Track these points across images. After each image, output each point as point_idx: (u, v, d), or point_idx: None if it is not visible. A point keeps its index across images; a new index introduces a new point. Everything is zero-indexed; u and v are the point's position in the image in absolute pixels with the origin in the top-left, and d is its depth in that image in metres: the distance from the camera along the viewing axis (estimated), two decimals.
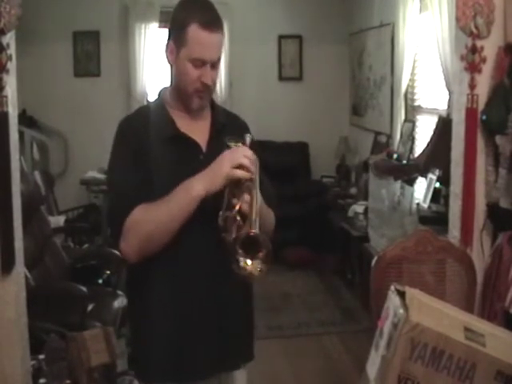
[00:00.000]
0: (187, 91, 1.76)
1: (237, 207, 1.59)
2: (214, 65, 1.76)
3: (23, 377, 2.41)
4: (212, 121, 1.87)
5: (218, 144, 1.81)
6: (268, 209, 1.81)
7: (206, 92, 1.78)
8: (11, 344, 2.36)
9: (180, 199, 1.67)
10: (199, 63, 1.72)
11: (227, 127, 1.87)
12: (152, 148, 1.75)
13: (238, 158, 1.65)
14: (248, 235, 1.53)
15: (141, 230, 1.68)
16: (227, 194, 1.65)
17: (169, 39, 1.78)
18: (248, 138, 1.77)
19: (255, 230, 1.53)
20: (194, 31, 1.70)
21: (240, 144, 1.83)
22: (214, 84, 1.81)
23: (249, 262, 1.56)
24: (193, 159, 1.78)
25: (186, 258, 1.74)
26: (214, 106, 1.91)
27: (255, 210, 1.58)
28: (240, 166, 1.64)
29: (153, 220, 1.68)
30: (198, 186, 1.66)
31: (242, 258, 1.55)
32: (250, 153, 1.68)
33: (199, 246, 1.74)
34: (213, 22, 1.72)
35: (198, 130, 1.82)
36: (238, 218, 1.59)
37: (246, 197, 1.62)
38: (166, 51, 1.78)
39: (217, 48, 1.75)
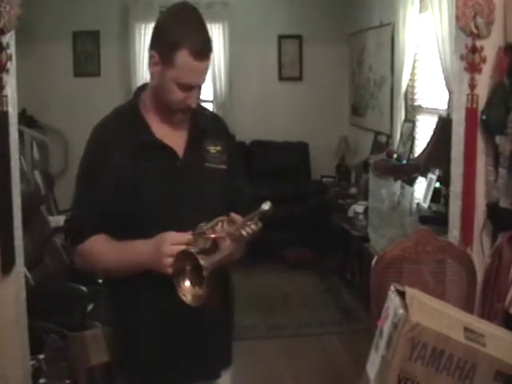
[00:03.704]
0: (170, 108, 1.71)
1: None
2: (200, 85, 1.72)
3: (23, 377, 2.41)
4: (191, 125, 1.79)
5: (196, 149, 1.76)
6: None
7: (189, 109, 1.73)
8: (11, 344, 2.36)
9: (130, 264, 1.66)
10: (186, 87, 1.66)
11: (207, 131, 1.80)
12: (125, 157, 1.69)
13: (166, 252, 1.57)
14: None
15: (90, 263, 1.74)
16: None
17: (152, 48, 1.68)
18: (200, 228, 1.61)
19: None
20: (185, 58, 1.62)
21: (219, 148, 1.79)
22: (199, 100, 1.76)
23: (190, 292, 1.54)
24: (169, 167, 1.72)
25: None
26: (194, 109, 1.78)
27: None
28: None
29: (102, 263, 1.72)
30: (147, 266, 1.62)
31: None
32: (177, 239, 1.59)
33: None
34: (204, 50, 1.65)
35: (176, 135, 1.76)
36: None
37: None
38: (150, 61, 1.69)
39: (205, 73, 1.70)
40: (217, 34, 6.19)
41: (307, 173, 6.49)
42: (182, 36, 1.63)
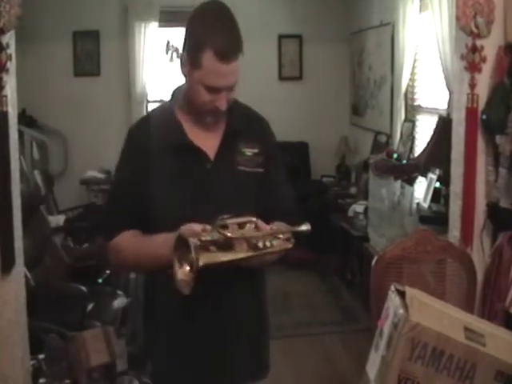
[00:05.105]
0: (200, 110, 1.69)
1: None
2: (231, 87, 1.67)
3: (23, 377, 2.41)
4: (226, 125, 1.75)
5: (229, 150, 1.72)
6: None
7: (219, 112, 1.69)
8: (11, 344, 2.36)
9: (152, 257, 1.63)
10: (213, 89, 1.63)
11: (241, 132, 1.75)
12: (157, 158, 1.68)
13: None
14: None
15: (121, 259, 1.76)
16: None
17: (183, 50, 1.67)
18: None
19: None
20: (210, 60, 1.59)
21: (256, 150, 1.74)
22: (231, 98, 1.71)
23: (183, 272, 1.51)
24: (198, 169, 1.70)
25: None
26: (231, 107, 1.74)
27: None
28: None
29: (131, 258, 1.72)
30: (168, 258, 1.54)
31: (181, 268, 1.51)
32: (193, 227, 1.54)
33: None
34: (230, 51, 1.61)
35: (209, 137, 1.73)
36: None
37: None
38: (181, 61, 1.68)
39: (234, 75, 1.66)
40: None
41: (307, 173, 6.49)
42: (206, 35, 1.59)
